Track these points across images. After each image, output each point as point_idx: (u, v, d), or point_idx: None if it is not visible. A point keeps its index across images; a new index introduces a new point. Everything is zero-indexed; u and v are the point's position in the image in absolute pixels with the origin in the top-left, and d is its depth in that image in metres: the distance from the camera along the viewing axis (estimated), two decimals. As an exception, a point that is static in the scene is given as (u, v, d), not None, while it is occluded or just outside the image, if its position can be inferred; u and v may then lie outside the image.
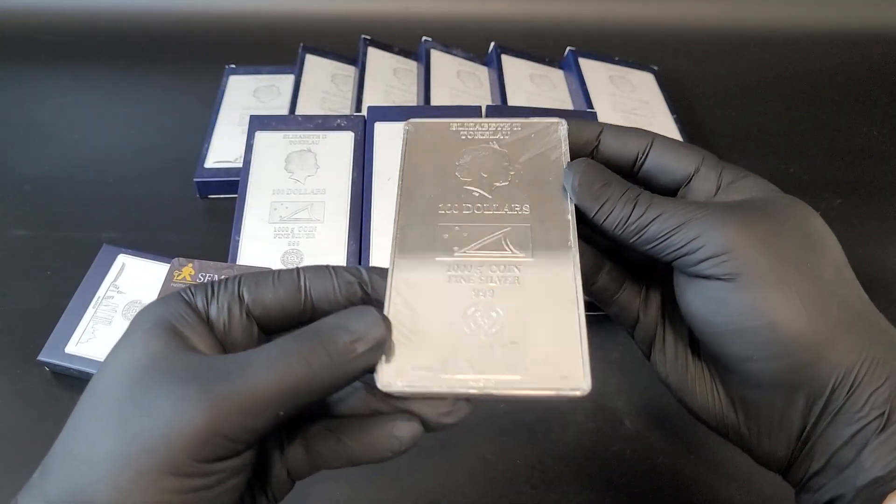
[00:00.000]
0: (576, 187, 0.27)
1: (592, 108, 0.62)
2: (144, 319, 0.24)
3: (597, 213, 0.27)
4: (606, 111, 0.63)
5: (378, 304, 0.25)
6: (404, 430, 0.24)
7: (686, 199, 0.27)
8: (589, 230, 0.28)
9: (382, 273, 0.26)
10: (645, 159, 0.29)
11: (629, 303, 0.31)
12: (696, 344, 0.29)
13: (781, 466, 0.27)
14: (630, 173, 0.29)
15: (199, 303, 0.25)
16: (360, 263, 0.48)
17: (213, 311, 0.25)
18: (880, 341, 0.25)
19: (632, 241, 0.26)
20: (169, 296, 0.25)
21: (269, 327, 0.26)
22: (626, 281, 0.31)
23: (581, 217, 0.28)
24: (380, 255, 0.49)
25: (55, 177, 0.60)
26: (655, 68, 0.71)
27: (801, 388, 0.25)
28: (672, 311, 0.30)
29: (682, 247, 0.25)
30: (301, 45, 0.68)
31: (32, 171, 0.61)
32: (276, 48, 0.71)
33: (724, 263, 0.25)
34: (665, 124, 0.64)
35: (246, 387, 0.21)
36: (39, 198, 0.58)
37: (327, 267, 0.26)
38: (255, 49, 0.76)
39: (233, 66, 0.68)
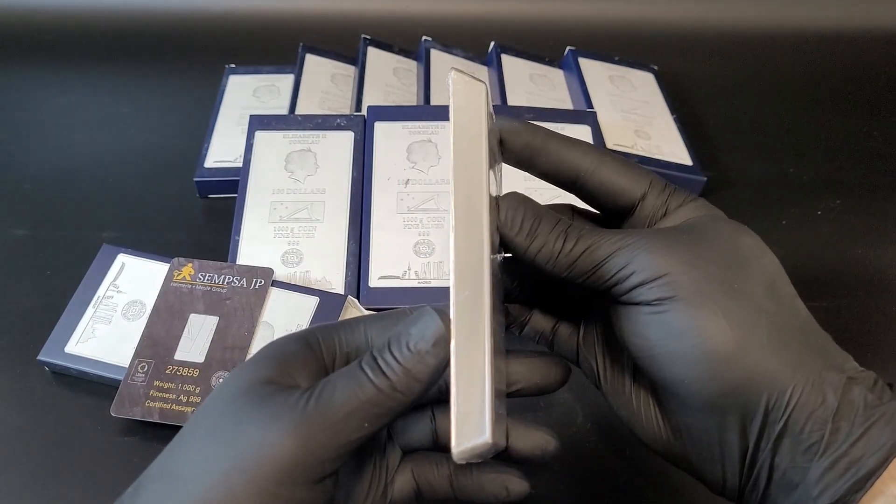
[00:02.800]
0: (506, 226, 0.26)
1: (592, 107, 0.62)
2: (261, 351, 0.25)
3: (527, 251, 0.26)
4: (606, 111, 0.63)
5: None
6: (516, 485, 0.26)
7: (616, 230, 0.27)
8: (518, 263, 0.28)
9: None
10: (590, 178, 0.28)
11: (566, 340, 0.31)
12: (638, 373, 0.29)
13: (734, 494, 0.26)
14: (572, 188, 0.29)
15: (325, 350, 0.26)
16: (359, 263, 0.48)
17: (340, 358, 0.26)
18: (817, 360, 0.24)
19: (563, 275, 0.26)
20: (292, 335, 0.26)
21: None
22: (559, 321, 0.31)
23: (511, 251, 0.27)
24: (379, 254, 0.49)
25: (55, 177, 0.60)
26: (655, 68, 0.71)
27: (735, 410, 0.24)
28: (611, 342, 0.30)
29: (612, 276, 0.25)
30: (301, 44, 0.68)
31: (32, 171, 0.61)
32: (276, 48, 0.71)
33: (653, 289, 0.24)
34: (665, 124, 0.64)
35: (328, 404, 0.22)
36: (39, 198, 0.58)
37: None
38: (255, 49, 0.76)
39: (233, 66, 0.68)
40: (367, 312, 0.45)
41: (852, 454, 0.23)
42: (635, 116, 0.64)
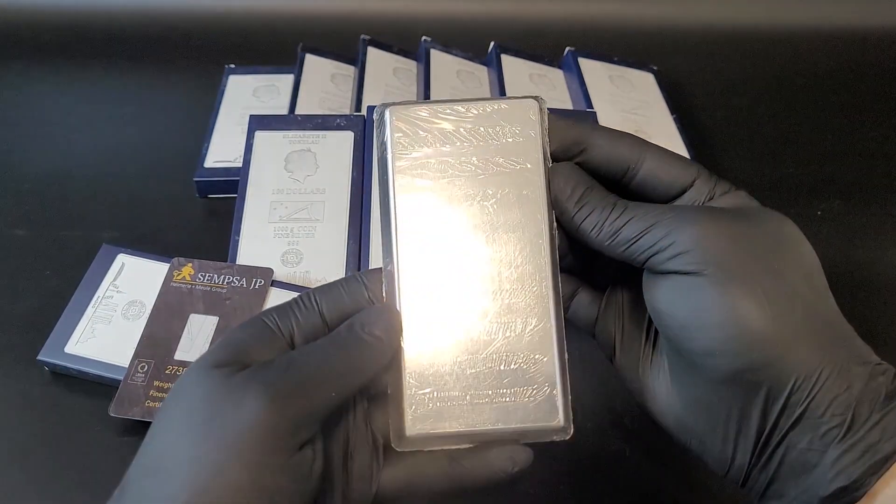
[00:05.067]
0: (558, 190, 0.28)
1: (592, 107, 0.62)
2: (221, 339, 0.26)
3: (575, 215, 0.27)
4: (606, 111, 0.63)
5: None
6: (520, 454, 0.27)
7: (660, 204, 0.27)
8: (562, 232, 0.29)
9: None
10: (638, 171, 0.28)
11: (586, 307, 0.31)
12: (657, 346, 0.29)
13: (740, 475, 0.27)
14: (620, 183, 0.29)
15: (284, 327, 0.26)
16: (359, 263, 0.48)
17: (299, 335, 0.27)
18: (845, 350, 0.25)
19: (606, 243, 0.27)
20: (250, 319, 0.27)
21: None
22: (582, 286, 0.32)
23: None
24: (379, 254, 0.48)
25: (55, 177, 0.60)
26: (655, 68, 0.71)
27: (761, 387, 0.24)
28: (633, 312, 0.30)
29: (652, 245, 0.26)
30: (301, 45, 0.68)
31: (32, 171, 0.61)
32: (276, 48, 0.71)
33: (691, 260, 0.25)
34: (665, 124, 0.64)
35: (298, 372, 0.24)
36: (39, 198, 0.58)
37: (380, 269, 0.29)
38: (255, 49, 0.75)
39: (233, 66, 0.68)
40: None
41: (869, 438, 0.23)
42: (635, 116, 0.64)
